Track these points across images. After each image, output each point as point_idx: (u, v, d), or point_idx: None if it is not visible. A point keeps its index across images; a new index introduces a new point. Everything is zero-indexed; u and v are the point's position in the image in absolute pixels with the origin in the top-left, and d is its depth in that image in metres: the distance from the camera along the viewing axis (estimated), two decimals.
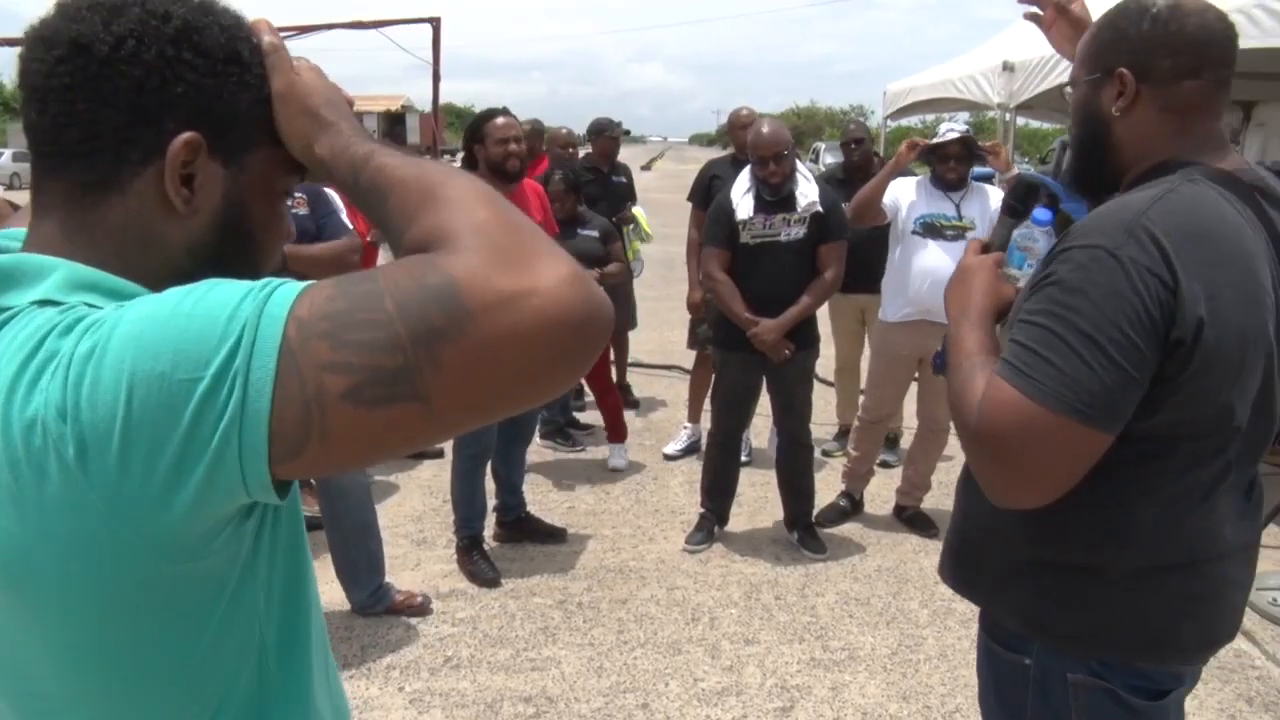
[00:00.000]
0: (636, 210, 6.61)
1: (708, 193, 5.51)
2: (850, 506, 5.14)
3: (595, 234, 5.53)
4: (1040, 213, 1.63)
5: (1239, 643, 3.94)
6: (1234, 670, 3.77)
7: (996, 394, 1.37)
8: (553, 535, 4.74)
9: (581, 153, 6.91)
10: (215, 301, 0.75)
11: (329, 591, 3.86)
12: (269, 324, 0.73)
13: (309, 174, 0.97)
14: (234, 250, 0.93)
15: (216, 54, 0.88)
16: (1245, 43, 4.61)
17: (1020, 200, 1.74)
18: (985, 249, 1.69)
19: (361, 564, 3.89)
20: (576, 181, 5.50)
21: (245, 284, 0.77)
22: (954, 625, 3.99)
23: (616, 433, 5.82)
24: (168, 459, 0.73)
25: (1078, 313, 1.32)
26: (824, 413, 5.77)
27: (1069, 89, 1.62)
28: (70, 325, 0.76)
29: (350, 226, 4.47)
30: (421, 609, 3.96)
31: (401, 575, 4.29)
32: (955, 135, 4.57)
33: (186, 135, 0.86)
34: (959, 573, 1.70)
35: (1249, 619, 4.16)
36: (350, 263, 3.78)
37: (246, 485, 0.75)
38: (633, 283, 6.79)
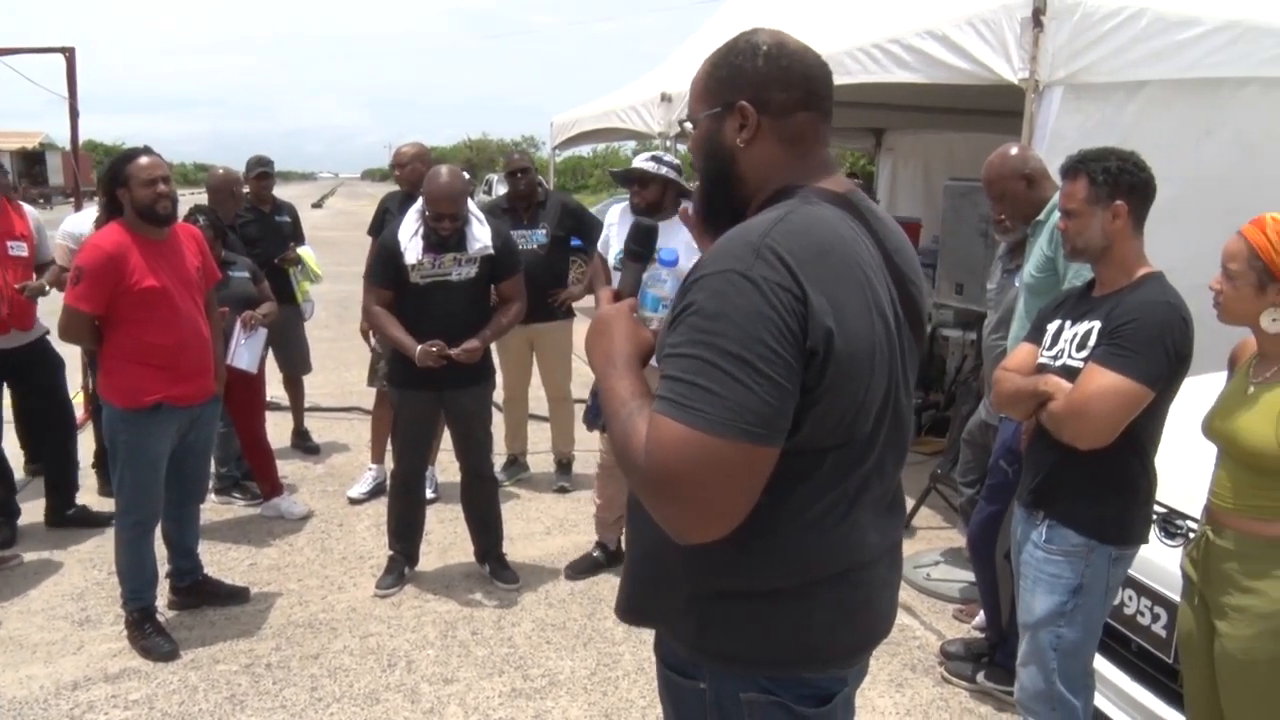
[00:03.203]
0: (304, 250, 6.40)
1: (383, 226, 5.48)
2: (605, 558, 4.91)
3: (246, 274, 5.38)
4: (666, 253, 1.68)
5: (903, 617, 4.36)
6: (900, 644, 4.17)
7: (661, 432, 1.34)
8: (234, 596, 4.48)
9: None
10: None
11: None
12: None
13: None
14: None
15: None
16: (869, 78, 5.20)
17: (640, 244, 1.76)
18: (618, 297, 1.69)
19: None
20: (221, 225, 5.28)
21: None
22: (649, 639, 4.09)
23: (269, 489, 5.60)
24: None
25: (723, 336, 1.33)
26: (498, 443, 5.77)
27: (688, 124, 1.67)
28: None
29: None
30: None
31: (61, 662, 3.91)
32: (633, 167, 4.64)
33: None
34: (632, 607, 1.71)
35: (909, 594, 4.62)
36: None
37: None
38: (304, 325, 6.57)
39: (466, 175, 4.62)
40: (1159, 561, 2.93)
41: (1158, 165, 2.75)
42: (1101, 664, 3.13)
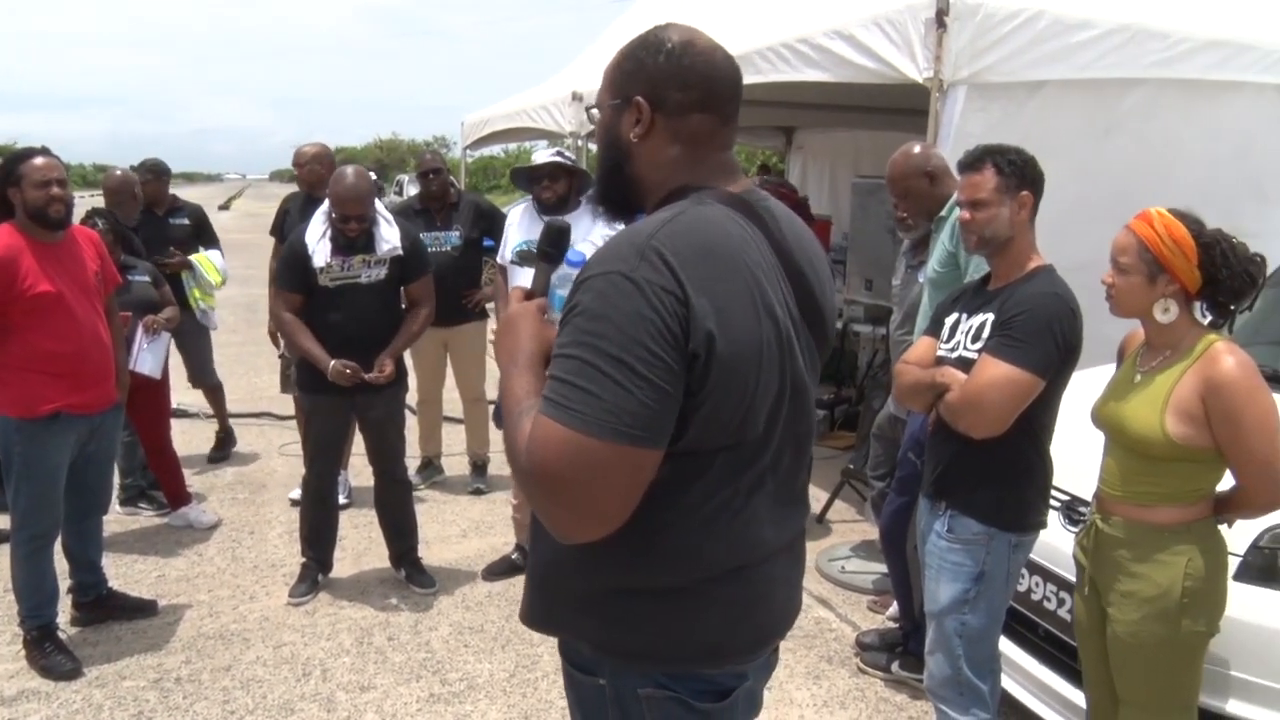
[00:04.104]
0: (204, 256, 6.20)
1: (283, 227, 5.39)
2: (523, 560, 4.77)
3: (147, 278, 5.25)
4: (573, 254, 1.68)
5: (819, 611, 4.44)
6: (816, 636, 4.23)
7: (542, 432, 1.36)
8: (141, 609, 4.36)
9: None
10: None
11: None
12: None
13: None
14: None
15: None
16: (779, 76, 5.25)
17: (553, 245, 1.76)
18: (529, 297, 1.69)
19: None
20: (121, 228, 5.14)
21: None
22: None
23: (176, 498, 5.47)
24: None
25: (604, 338, 1.34)
26: (412, 446, 5.71)
27: (594, 111, 1.68)
28: None
29: None
30: None
31: None
32: (546, 160, 4.57)
33: None
34: (533, 612, 1.68)
35: (824, 587, 4.69)
36: None
37: None
38: (207, 334, 6.37)
39: (373, 175, 4.57)
40: (1063, 548, 3.01)
41: (1057, 162, 2.83)
42: (1009, 648, 3.22)
